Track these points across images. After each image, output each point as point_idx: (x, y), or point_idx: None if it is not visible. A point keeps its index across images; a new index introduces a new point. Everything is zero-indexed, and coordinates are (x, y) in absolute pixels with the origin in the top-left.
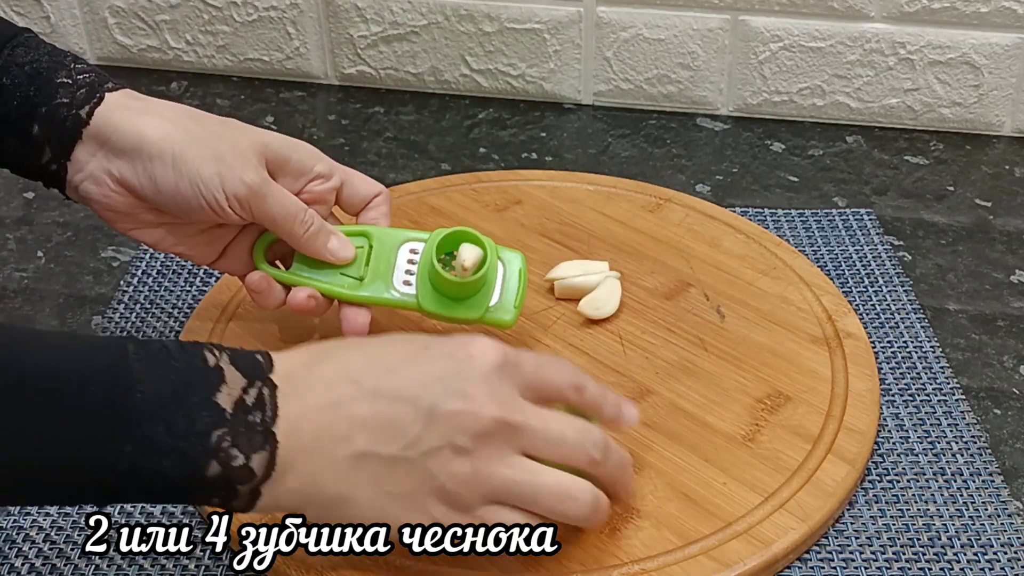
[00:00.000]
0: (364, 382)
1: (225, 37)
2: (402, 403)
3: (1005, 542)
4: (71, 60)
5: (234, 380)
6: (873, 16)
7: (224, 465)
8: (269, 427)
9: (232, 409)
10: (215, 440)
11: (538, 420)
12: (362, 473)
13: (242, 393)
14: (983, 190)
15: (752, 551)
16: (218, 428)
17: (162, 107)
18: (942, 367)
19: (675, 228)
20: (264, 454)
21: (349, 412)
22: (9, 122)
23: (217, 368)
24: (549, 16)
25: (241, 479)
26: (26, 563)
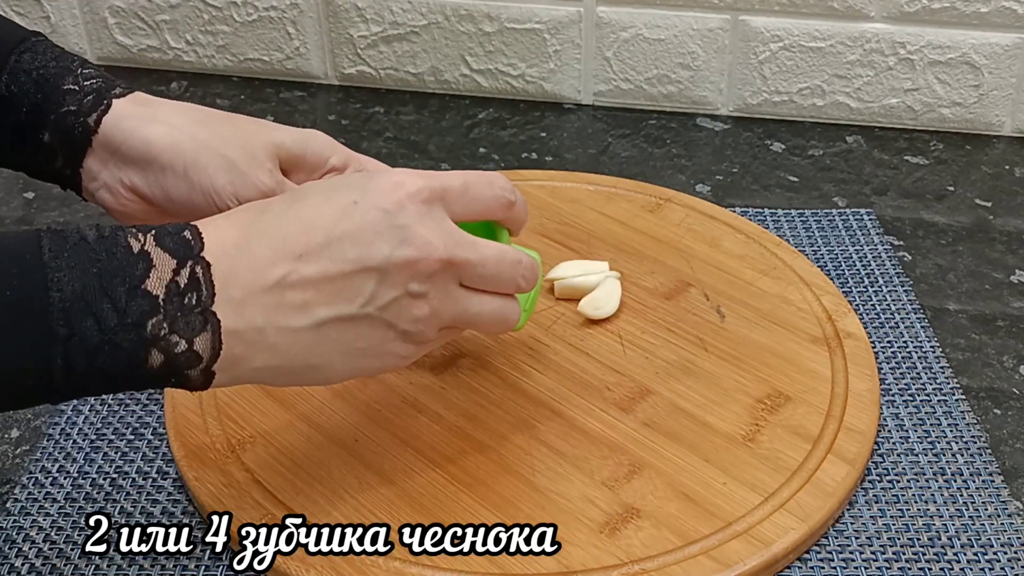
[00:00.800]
0: (306, 255)
1: (225, 37)
2: (350, 264)
3: (1005, 542)
4: (78, 65)
5: (163, 263)
6: (873, 16)
7: (166, 353)
8: (208, 307)
9: (164, 294)
10: (151, 329)
11: (476, 255)
12: (327, 338)
13: (173, 275)
14: (983, 190)
15: (752, 551)
16: (152, 316)
17: (170, 113)
18: (942, 367)
19: (675, 228)
20: (207, 335)
21: (298, 284)
22: (20, 130)
23: (143, 253)
24: (549, 16)
25: (188, 364)
26: (26, 563)
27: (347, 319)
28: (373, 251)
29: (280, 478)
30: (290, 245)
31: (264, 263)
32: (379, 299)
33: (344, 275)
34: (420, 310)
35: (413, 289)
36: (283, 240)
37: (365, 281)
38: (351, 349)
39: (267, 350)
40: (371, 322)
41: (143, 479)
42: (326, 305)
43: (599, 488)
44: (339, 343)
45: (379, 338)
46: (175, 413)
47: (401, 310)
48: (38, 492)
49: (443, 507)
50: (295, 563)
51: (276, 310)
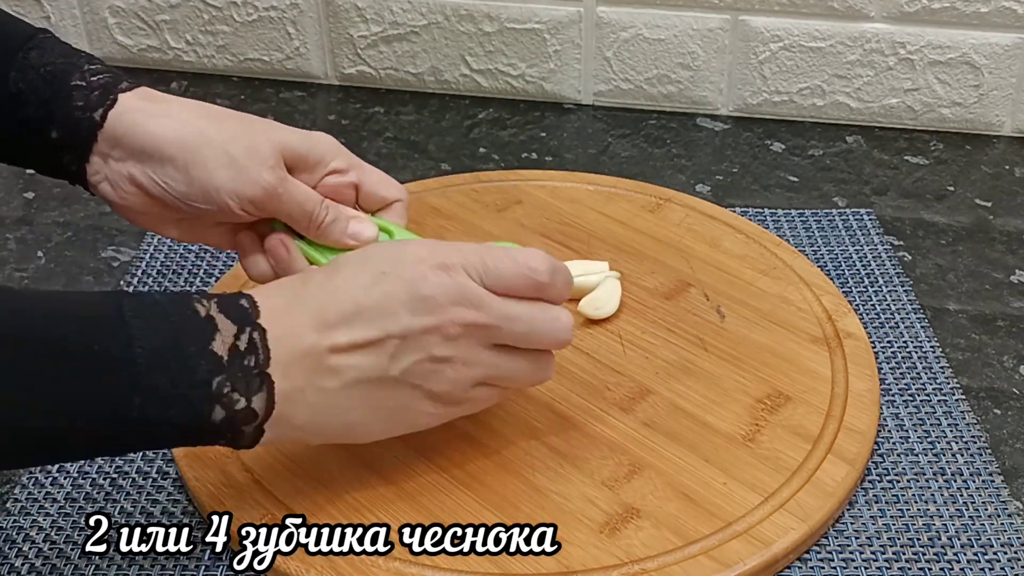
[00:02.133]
0: (338, 323)
1: (225, 37)
2: (375, 332)
3: (1005, 542)
4: (85, 61)
5: (226, 328)
6: (873, 16)
7: (227, 409)
8: (264, 369)
9: (228, 356)
10: (216, 386)
11: (505, 315)
12: (356, 399)
13: (235, 340)
14: (983, 190)
15: (752, 551)
16: (217, 375)
17: (177, 108)
18: (942, 367)
19: (675, 228)
20: (263, 395)
21: (328, 344)
22: (29, 126)
23: (208, 318)
24: (549, 16)
25: (244, 420)
26: (26, 563)
27: (374, 381)
28: (395, 319)
29: (280, 478)
30: (325, 314)
31: (304, 329)
32: (402, 363)
33: (370, 342)
34: (443, 371)
35: (436, 353)
36: (319, 310)
37: (387, 347)
38: (381, 409)
39: (307, 409)
40: (397, 385)
41: (143, 479)
42: (355, 369)
43: (599, 488)
44: (369, 403)
45: (406, 399)
46: None
47: (425, 373)
48: (38, 492)
49: (443, 507)
50: (295, 563)
51: (314, 372)
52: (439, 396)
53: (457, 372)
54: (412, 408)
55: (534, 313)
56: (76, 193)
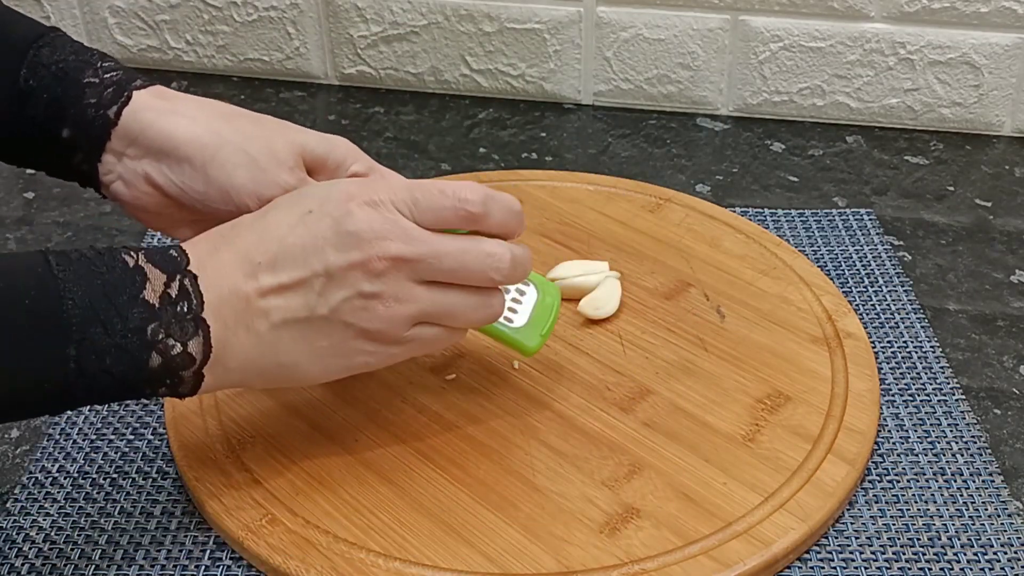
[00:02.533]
0: (262, 255)
1: (225, 37)
2: (299, 268)
3: (1005, 542)
4: (98, 58)
5: (156, 277)
6: (873, 16)
7: (164, 355)
8: (198, 314)
9: (159, 303)
10: (151, 333)
11: (432, 249)
12: (287, 340)
13: (165, 287)
14: (983, 190)
15: (752, 551)
16: (151, 322)
17: (192, 106)
18: (942, 367)
19: (675, 228)
20: (199, 339)
21: (254, 287)
22: (39, 125)
23: (137, 268)
24: (549, 16)
25: (183, 365)
26: (26, 563)
27: (303, 321)
28: (320, 257)
29: (280, 478)
30: (252, 256)
31: (233, 272)
32: (329, 301)
33: (295, 281)
34: (374, 308)
35: (364, 289)
36: (246, 252)
37: (313, 283)
38: (314, 349)
39: (240, 352)
40: (327, 323)
41: (143, 479)
42: (282, 309)
43: (599, 488)
44: (301, 343)
45: (339, 337)
46: (175, 413)
47: (355, 310)
48: (38, 492)
49: (443, 507)
50: (295, 563)
51: (243, 313)
52: (374, 335)
53: (389, 309)
54: (347, 348)
55: (466, 246)
56: (76, 193)
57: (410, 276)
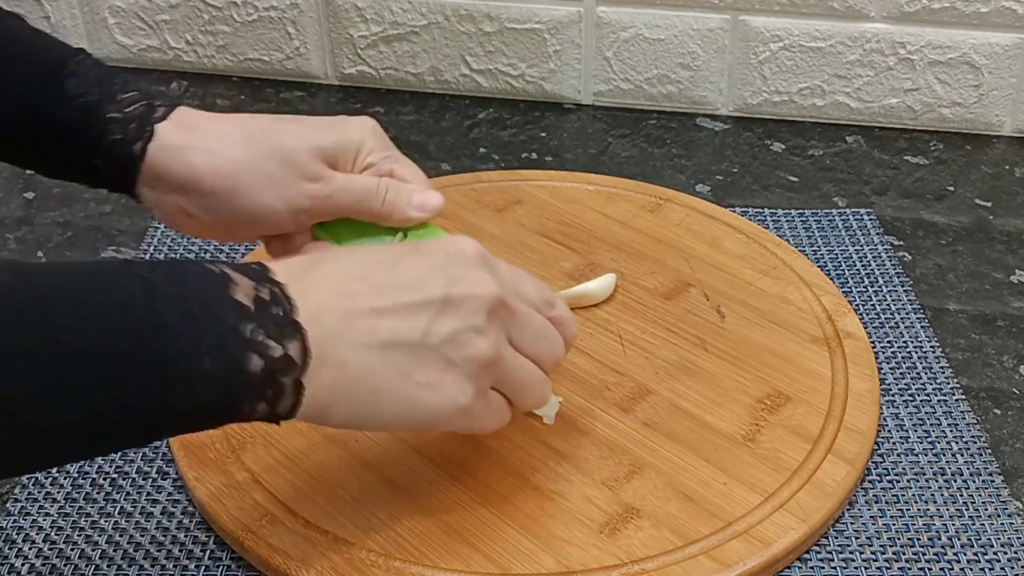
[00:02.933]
0: (371, 278)
1: (225, 37)
2: (414, 291)
3: (1005, 542)
4: (119, 88)
5: (243, 282)
6: (873, 16)
7: (264, 357)
8: (293, 317)
9: (253, 304)
10: (249, 333)
11: (525, 309)
12: (389, 363)
13: (255, 291)
14: (983, 190)
15: (752, 551)
16: (247, 322)
17: (209, 136)
18: (942, 367)
19: (675, 228)
20: (297, 342)
21: (365, 305)
22: (73, 155)
23: (223, 274)
24: (549, 16)
25: (284, 370)
26: (26, 563)
27: (409, 346)
28: (435, 282)
29: (280, 478)
30: (356, 271)
31: (332, 281)
32: (441, 329)
33: (406, 303)
34: (480, 347)
35: (474, 323)
36: (349, 267)
37: (427, 309)
38: (410, 382)
39: (337, 365)
40: (433, 354)
41: (143, 479)
42: (389, 328)
43: (599, 488)
44: (398, 372)
45: (438, 372)
46: None
47: (461, 345)
48: (38, 492)
49: (443, 507)
50: (295, 563)
51: (345, 324)
52: (471, 377)
53: (490, 349)
54: (442, 386)
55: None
56: (76, 193)
57: (506, 329)
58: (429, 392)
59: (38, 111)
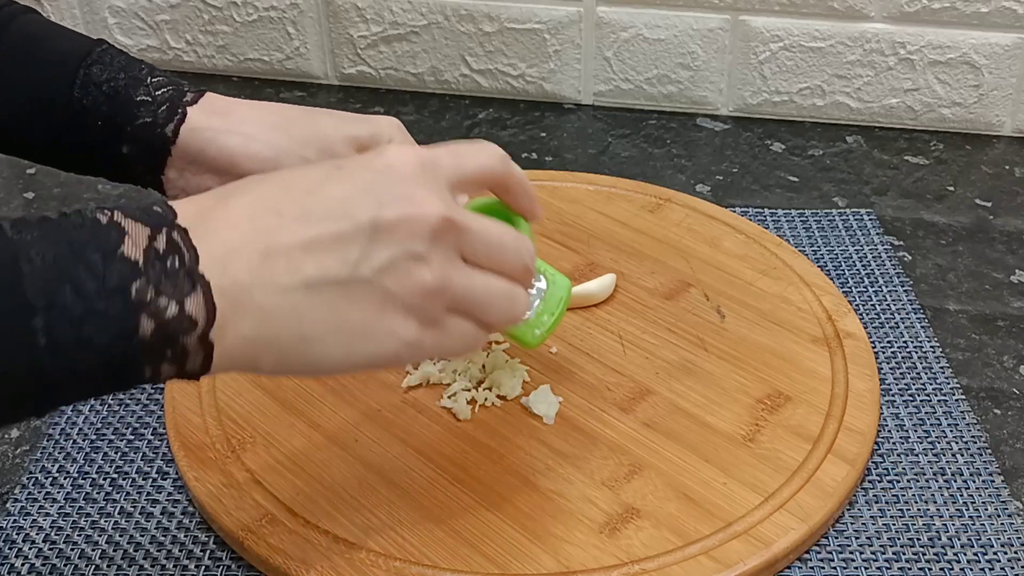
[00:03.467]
0: (288, 209)
1: (225, 37)
2: (338, 219)
3: (1005, 542)
4: (147, 73)
5: (136, 231)
6: (873, 16)
7: (156, 317)
8: (193, 268)
9: (143, 258)
10: (135, 293)
11: (477, 222)
12: (318, 303)
13: (150, 242)
14: (983, 190)
15: (752, 551)
16: (134, 280)
17: (245, 120)
18: (942, 367)
19: (675, 228)
20: (197, 297)
21: (284, 240)
22: (97, 143)
23: (112, 223)
24: (549, 16)
25: (182, 329)
26: (26, 563)
27: (339, 283)
28: (364, 206)
29: (280, 478)
30: (271, 202)
31: (245, 218)
32: (374, 259)
33: (332, 233)
34: (422, 275)
35: (413, 249)
36: (263, 198)
37: (356, 238)
38: (342, 323)
39: (255, 314)
40: (367, 288)
41: (143, 479)
42: (315, 264)
43: (599, 488)
44: (331, 312)
45: (376, 309)
46: (175, 413)
47: (400, 275)
48: (38, 492)
49: (443, 507)
50: (295, 563)
51: (262, 266)
52: (413, 309)
53: (436, 276)
54: (380, 327)
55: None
56: (76, 193)
57: (455, 246)
58: (367, 332)
59: (62, 98)
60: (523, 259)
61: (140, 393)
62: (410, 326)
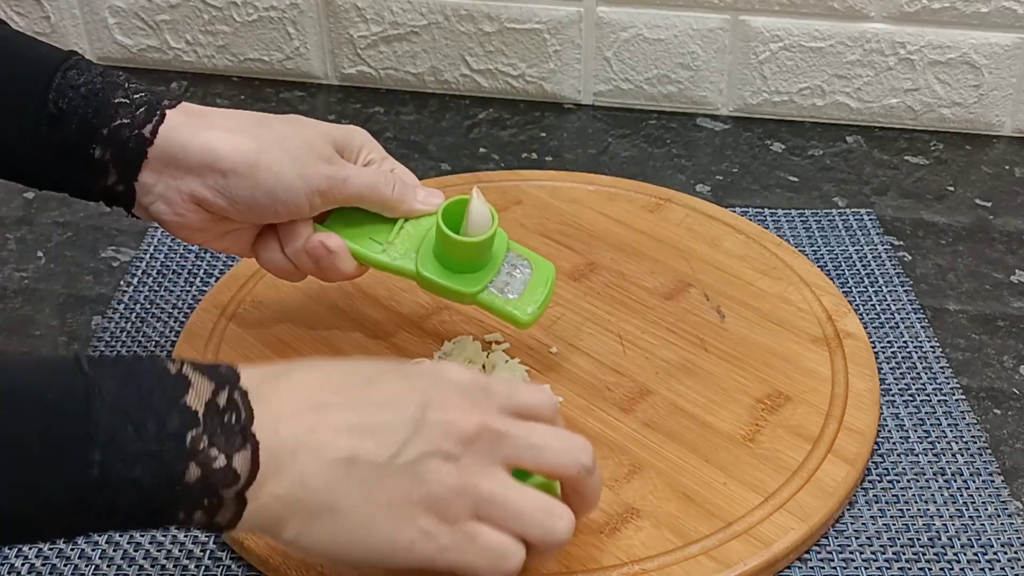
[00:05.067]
0: (344, 390)
1: (225, 37)
2: (387, 411)
3: (1005, 542)
4: (124, 79)
5: (201, 385)
6: (873, 16)
7: (204, 467)
8: (247, 427)
9: (204, 411)
10: (190, 441)
11: (520, 428)
12: (351, 479)
13: (212, 396)
14: (983, 190)
15: (752, 551)
16: (192, 429)
17: (224, 118)
18: (942, 367)
19: (675, 228)
20: (245, 454)
21: (333, 417)
22: (70, 147)
23: (181, 375)
24: (549, 16)
25: (224, 482)
26: (26, 563)
27: (376, 466)
28: (409, 403)
29: None
30: (331, 383)
31: (303, 391)
32: (410, 452)
33: (379, 421)
34: (450, 474)
35: (446, 449)
36: (324, 377)
37: (399, 430)
38: (371, 501)
39: (294, 476)
40: (399, 475)
41: None
42: (358, 445)
43: None
44: (361, 490)
45: (403, 497)
46: None
47: (431, 470)
48: None
49: None
50: (295, 563)
51: (310, 434)
52: (436, 505)
53: (463, 477)
54: (402, 512)
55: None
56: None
57: (493, 452)
58: (388, 515)
59: (37, 101)
60: (575, 459)
61: None
62: (428, 519)
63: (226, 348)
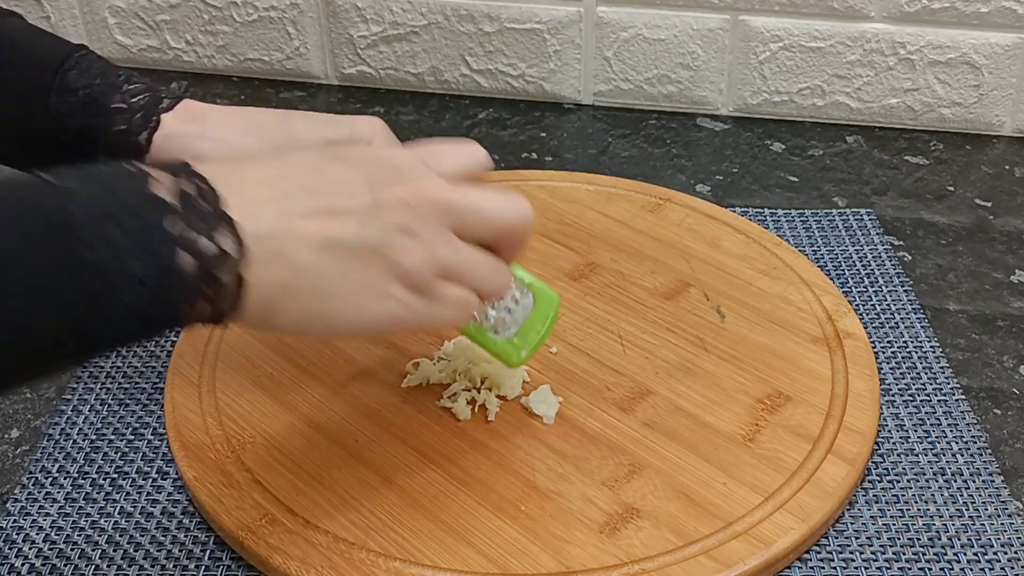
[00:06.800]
0: (297, 179)
1: (225, 37)
2: (343, 195)
3: (1005, 542)
4: (123, 79)
5: (163, 177)
6: (873, 16)
7: (194, 253)
8: (220, 208)
9: (172, 198)
10: (173, 229)
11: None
12: (333, 262)
13: (177, 185)
14: (983, 190)
15: (752, 551)
16: (171, 217)
17: (218, 125)
18: (942, 367)
19: (675, 228)
20: (229, 235)
21: (300, 205)
22: (72, 150)
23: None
24: (549, 16)
25: (218, 264)
26: (26, 563)
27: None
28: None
29: (280, 478)
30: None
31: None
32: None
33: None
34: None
35: (407, 224)
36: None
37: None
38: (355, 283)
39: (284, 263)
40: (370, 253)
41: (143, 479)
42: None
43: (599, 488)
44: (343, 271)
45: (376, 273)
46: (175, 413)
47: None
48: (38, 492)
49: (443, 507)
50: (295, 563)
51: (286, 220)
52: (407, 277)
53: (423, 247)
54: (380, 287)
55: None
56: None
57: (445, 220)
58: (372, 292)
59: (39, 104)
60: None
61: (140, 393)
62: (403, 292)
63: (226, 348)
